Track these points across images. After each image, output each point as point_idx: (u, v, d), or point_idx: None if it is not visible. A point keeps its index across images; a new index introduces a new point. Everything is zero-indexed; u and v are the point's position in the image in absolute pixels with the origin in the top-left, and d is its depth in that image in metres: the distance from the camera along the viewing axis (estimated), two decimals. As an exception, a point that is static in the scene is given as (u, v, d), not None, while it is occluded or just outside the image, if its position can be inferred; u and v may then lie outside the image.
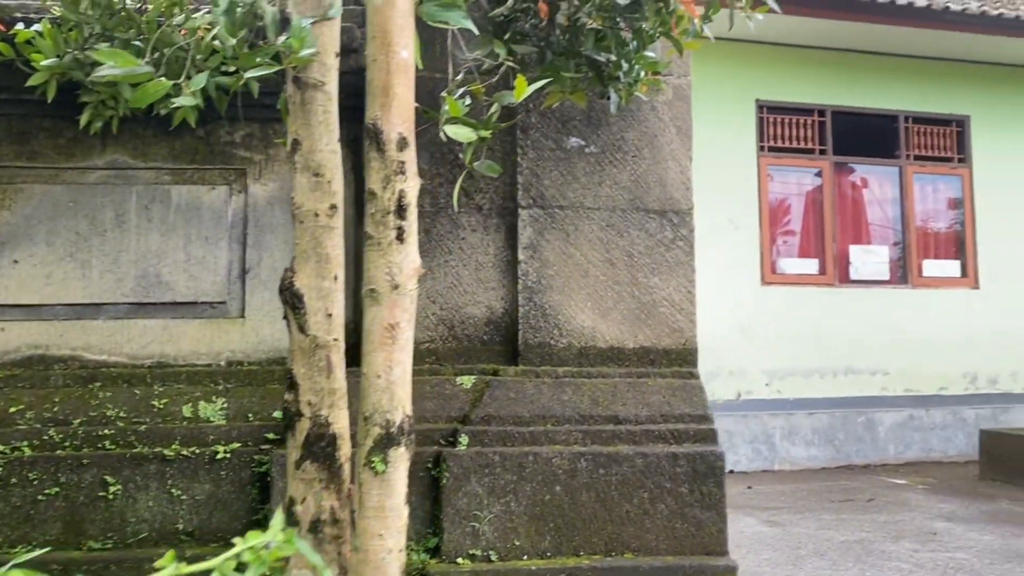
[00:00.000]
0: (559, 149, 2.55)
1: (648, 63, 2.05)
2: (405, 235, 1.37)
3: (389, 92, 1.35)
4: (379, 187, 1.37)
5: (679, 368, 2.48)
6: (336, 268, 1.49)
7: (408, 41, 1.37)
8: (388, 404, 1.34)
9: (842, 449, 8.18)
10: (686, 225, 2.55)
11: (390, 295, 1.36)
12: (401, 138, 1.35)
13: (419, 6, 1.47)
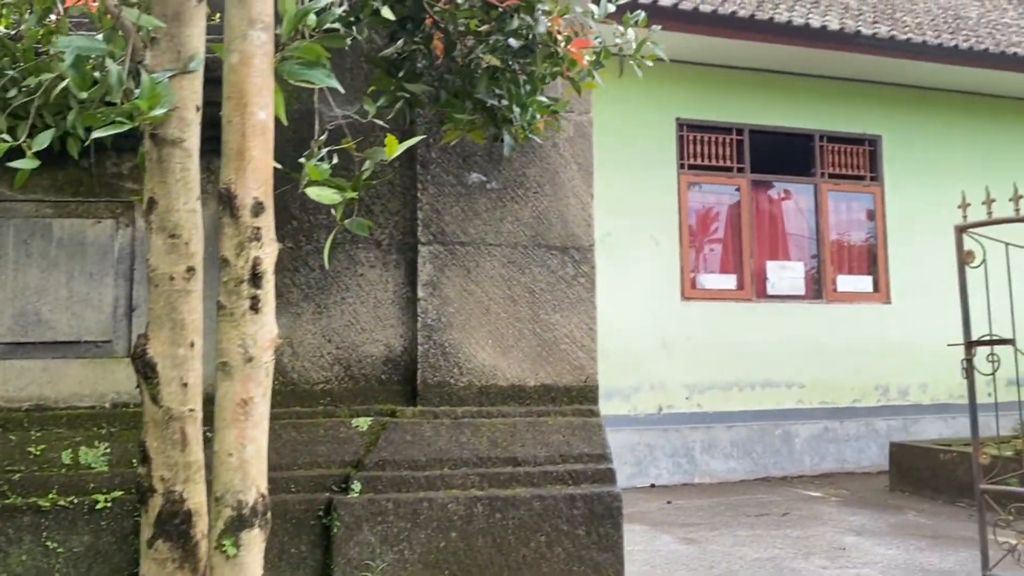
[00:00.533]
0: (460, 185, 2.52)
1: (542, 107, 2.04)
2: (260, 304, 1.31)
3: (244, 155, 1.28)
4: (232, 254, 1.31)
5: (580, 406, 2.47)
6: (193, 334, 1.42)
7: (267, 101, 1.31)
8: (241, 484, 1.28)
9: (760, 461, 8.34)
10: (587, 261, 2.54)
11: (243, 369, 1.30)
12: (256, 203, 1.30)
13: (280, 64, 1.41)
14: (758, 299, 8.63)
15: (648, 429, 8.03)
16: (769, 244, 8.84)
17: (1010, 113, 9.55)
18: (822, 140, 8.98)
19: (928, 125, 9.27)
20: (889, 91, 9.17)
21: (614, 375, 7.97)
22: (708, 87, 8.57)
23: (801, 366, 8.60)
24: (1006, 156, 9.53)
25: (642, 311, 8.12)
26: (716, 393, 8.31)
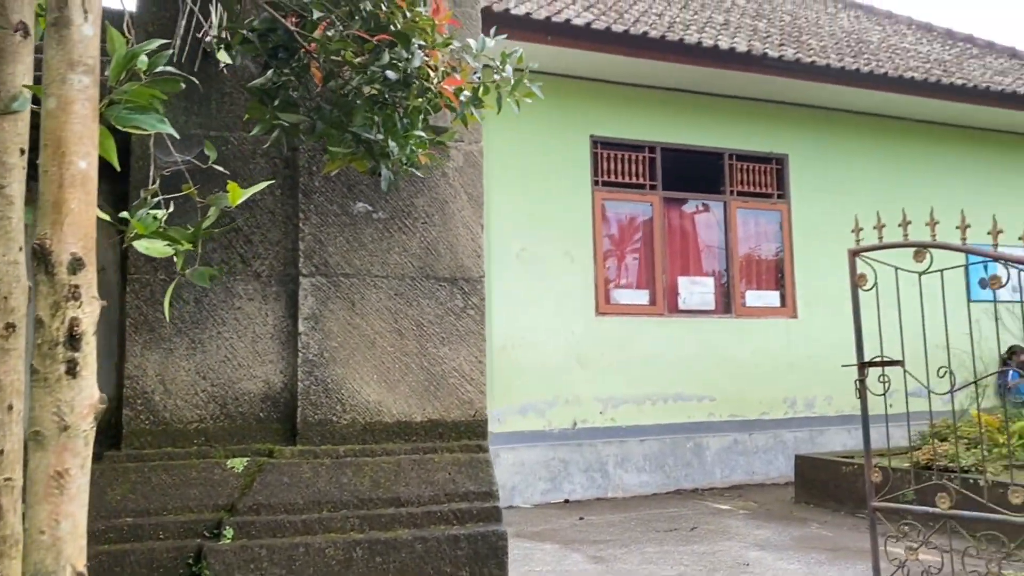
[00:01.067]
0: (345, 214, 2.44)
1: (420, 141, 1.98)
2: (79, 368, 1.21)
3: (62, 207, 1.19)
4: (47, 314, 1.21)
5: (468, 441, 2.42)
6: (12, 396, 1.31)
7: (89, 150, 1.21)
8: (53, 564, 1.18)
9: (672, 474, 8.44)
10: (477, 293, 2.50)
11: (58, 438, 1.20)
12: (75, 259, 1.20)
13: (107, 108, 1.32)
14: (670, 314, 8.76)
15: (563, 444, 8.05)
16: (681, 260, 8.99)
17: (910, 134, 9.95)
18: (731, 158, 9.19)
19: (832, 145, 9.58)
20: (795, 111, 9.45)
21: (529, 390, 7.97)
22: (622, 105, 8.68)
23: (712, 380, 8.76)
24: (907, 175, 9.93)
25: (557, 326, 8.15)
26: (629, 407, 8.39)
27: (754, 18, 9.69)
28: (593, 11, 8.15)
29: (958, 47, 11.09)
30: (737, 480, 8.73)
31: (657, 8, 8.98)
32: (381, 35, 1.84)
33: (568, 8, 7.96)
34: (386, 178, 1.95)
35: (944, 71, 9.34)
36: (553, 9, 7.76)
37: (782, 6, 10.76)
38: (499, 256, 7.99)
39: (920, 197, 9.89)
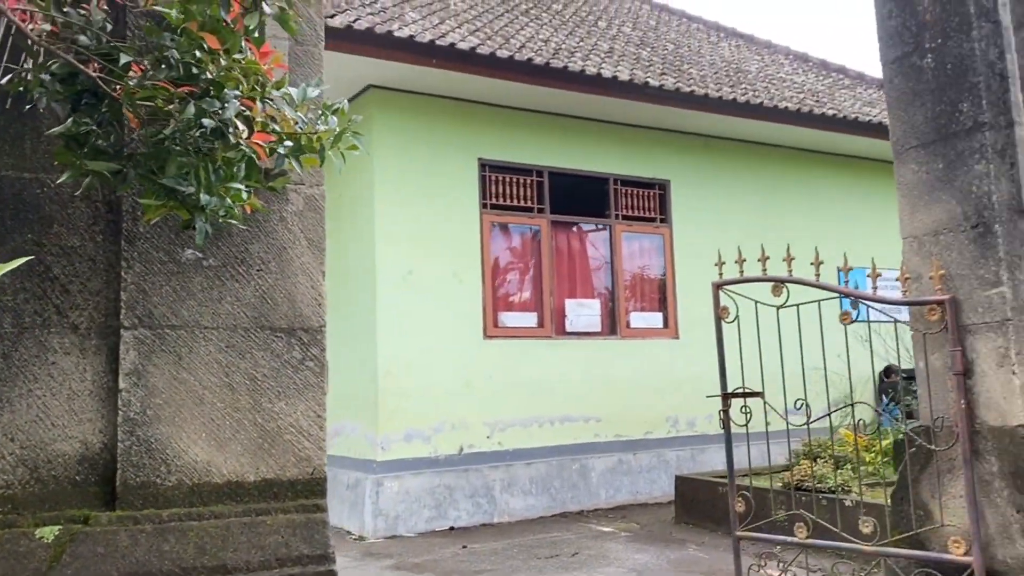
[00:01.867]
0: (173, 262, 2.31)
1: (237, 194, 1.89)
2: None
3: None
4: None
5: (305, 501, 2.32)
6: None
7: None
8: None
9: (558, 497, 8.47)
10: (317, 344, 2.41)
11: None
12: None
13: None
14: (558, 336, 8.82)
15: (449, 470, 7.97)
16: (568, 282, 9.07)
17: (785, 160, 10.36)
18: (616, 183, 9.35)
19: (712, 171, 9.88)
20: (677, 139, 9.71)
21: (415, 416, 7.86)
22: (510, 129, 8.72)
23: (597, 401, 8.86)
24: (782, 199, 10.33)
25: (445, 350, 8.08)
26: (517, 430, 8.39)
27: (638, 46, 9.91)
28: (479, 35, 8.17)
29: (831, 77, 11.64)
30: (622, 500, 8.84)
31: (544, 34, 9.07)
32: (190, 85, 1.75)
33: (454, 32, 7.95)
34: (201, 231, 1.85)
35: (817, 101, 9.77)
36: (438, 32, 7.73)
37: (666, 35, 11.06)
38: (385, 279, 7.88)
39: (793, 221, 10.34)
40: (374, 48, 7.31)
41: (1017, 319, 3.48)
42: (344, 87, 8.10)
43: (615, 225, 9.33)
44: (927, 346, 3.77)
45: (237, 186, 1.83)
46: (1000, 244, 3.50)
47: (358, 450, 8.03)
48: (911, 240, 3.87)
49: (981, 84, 3.58)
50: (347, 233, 8.45)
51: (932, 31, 3.75)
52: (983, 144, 3.56)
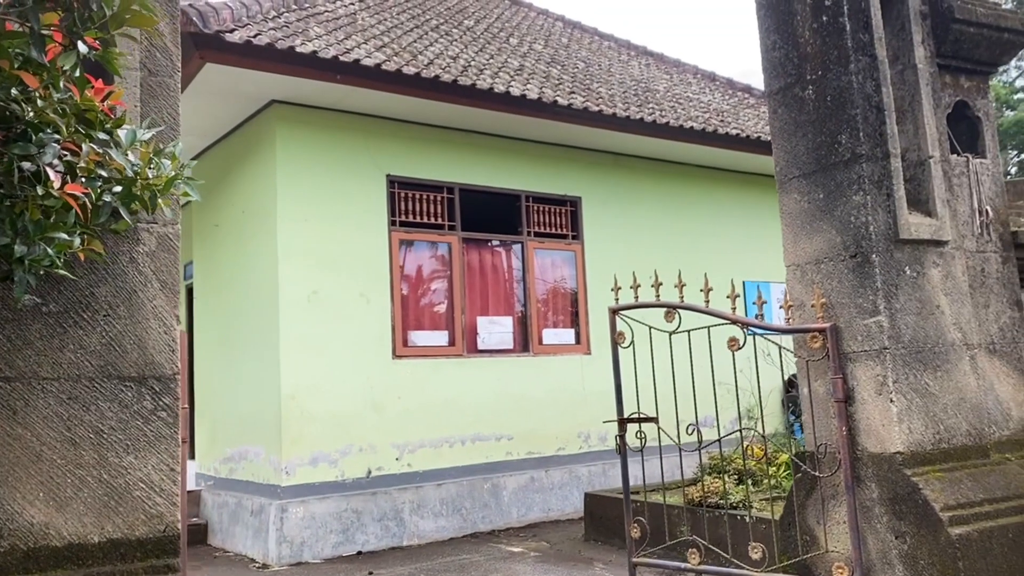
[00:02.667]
0: (6, 308, 2.15)
1: (61, 244, 1.77)
2: None
3: None
4: None
5: (155, 561, 2.18)
6: None
7: None
8: None
9: (469, 517, 8.38)
10: (170, 392, 2.27)
11: None
12: None
13: None
14: (469, 354, 8.74)
15: (356, 494, 7.79)
16: (480, 300, 9.01)
17: (691, 177, 10.55)
18: (528, 200, 9.35)
19: (622, 188, 9.98)
20: (588, 156, 9.77)
21: (321, 440, 7.67)
22: (419, 145, 8.62)
23: (509, 418, 8.81)
24: (689, 216, 10.51)
25: (352, 371, 7.91)
26: (427, 451, 8.27)
27: (549, 64, 9.95)
28: (386, 51, 8.05)
29: (737, 97, 11.92)
30: (534, 518, 8.81)
31: (453, 51, 9.02)
32: (4, 128, 1.61)
33: (360, 48, 7.82)
34: (20, 283, 1.71)
35: (721, 120, 9.97)
36: (344, 48, 7.59)
37: (577, 53, 11.14)
38: (289, 300, 7.67)
39: (701, 236, 10.52)
40: (276, 64, 7.13)
41: (894, 348, 3.57)
42: (247, 102, 7.89)
43: (527, 242, 9.32)
44: (810, 373, 3.83)
45: (62, 236, 1.70)
46: (877, 274, 3.59)
47: (262, 475, 7.79)
48: (794, 268, 3.94)
49: (859, 116, 3.67)
50: (249, 251, 8.21)
51: (813, 63, 3.83)
52: (861, 175, 3.65)
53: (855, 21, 3.69)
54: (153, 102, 2.40)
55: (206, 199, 9.26)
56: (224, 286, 8.76)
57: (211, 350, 9.07)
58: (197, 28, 6.57)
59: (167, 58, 2.43)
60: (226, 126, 8.51)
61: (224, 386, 8.71)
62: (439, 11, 10.64)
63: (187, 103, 7.65)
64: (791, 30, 3.91)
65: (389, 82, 7.68)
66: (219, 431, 8.77)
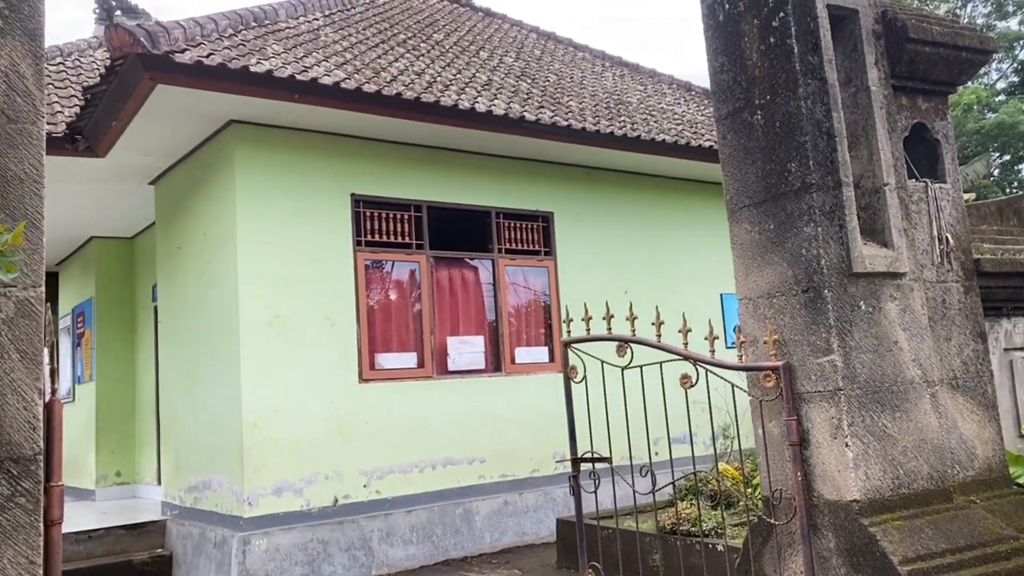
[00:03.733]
0: None
1: None
2: None
3: None
4: None
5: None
6: None
7: None
8: None
9: (440, 544, 8.16)
10: (30, 476, 2.06)
11: None
12: None
13: None
14: (439, 376, 8.53)
15: (322, 524, 7.56)
16: (450, 319, 8.80)
17: (665, 190, 10.36)
18: (499, 216, 9.15)
19: (595, 202, 9.79)
20: (559, 170, 9.58)
21: (285, 468, 7.44)
22: (385, 163, 8.42)
23: (482, 440, 8.60)
24: (665, 229, 10.32)
25: (316, 396, 7.69)
26: (396, 477, 8.05)
27: (519, 78, 9.76)
28: (348, 68, 7.85)
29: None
30: (508, 543, 8.59)
31: (419, 66, 8.82)
32: None
33: (319, 65, 7.61)
34: None
35: (695, 132, 9.79)
36: (302, 66, 7.38)
37: (550, 65, 10.95)
38: (249, 324, 7.45)
39: (676, 250, 10.33)
40: (229, 84, 6.92)
41: (849, 388, 3.37)
42: (204, 122, 7.68)
43: (498, 259, 9.11)
44: (764, 413, 3.64)
45: None
46: (830, 310, 3.39)
47: (225, 505, 7.56)
48: (747, 302, 3.74)
49: (808, 143, 3.47)
50: (210, 274, 8.00)
51: (761, 87, 3.64)
52: (811, 206, 3.45)
53: (803, 43, 3.50)
54: (12, 152, 2.19)
55: (169, 220, 9.04)
56: (187, 310, 8.54)
57: (175, 374, 8.84)
58: (145, 49, 6.36)
59: (29, 102, 2.22)
60: (186, 146, 8.29)
61: (188, 411, 8.48)
62: (407, 25, 10.44)
63: (141, 124, 7.44)
64: (739, 52, 3.72)
65: (349, 100, 7.47)
66: (183, 459, 8.53)
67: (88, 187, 9.30)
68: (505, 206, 9.19)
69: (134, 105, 7.03)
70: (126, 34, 6.32)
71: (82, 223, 10.84)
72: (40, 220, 2.12)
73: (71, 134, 7.72)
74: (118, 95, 7.01)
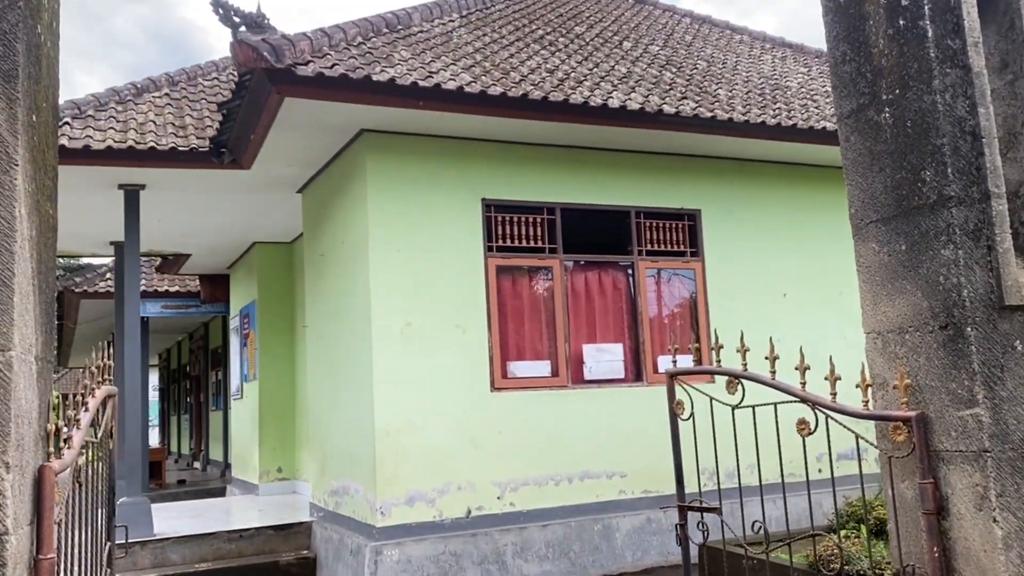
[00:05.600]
0: None
1: None
2: None
3: None
4: None
5: None
6: None
7: None
8: None
9: (578, 561, 7.84)
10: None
11: None
12: None
13: None
14: (574, 385, 8.19)
15: (455, 536, 7.44)
16: (586, 326, 8.43)
17: (825, 181, 9.41)
18: (639, 216, 8.65)
19: (748, 197, 9.05)
20: (706, 164, 8.93)
21: (417, 478, 7.39)
22: (516, 165, 8.16)
23: (622, 454, 8.17)
24: (828, 224, 9.39)
25: (448, 406, 7.58)
26: (531, 490, 7.80)
27: (663, 68, 9.17)
28: (476, 70, 7.65)
29: (890, 85, 10.56)
30: (650, 562, 8.12)
31: (553, 62, 8.47)
32: None
33: (447, 69, 7.45)
34: None
35: (862, 118, 8.80)
36: (429, 71, 7.25)
37: (701, 51, 10.24)
38: (381, 333, 7.45)
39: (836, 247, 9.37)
40: (354, 94, 6.90)
41: (998, 450, 2.71)
42: (337, 133, 7.74)
43: (638, 261, 8.62)
44: (895, 471, 3.02)
45: None
46: (974, 352, 2.74)
47: (360, 513, 7.63)
48: (874, 336, 3.12)
49: (946, 147, 2.82)
50: (347, 282, 8.09)
51: (889, 79, 3.01)
52: (950, 223, 2.80)
53: (940, 23, 2.84)
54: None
55: (314, 228, 9.27)
56: (329, 316, 8.71)
57: (320, 378, 9.06)
58: (268, 63, 6.44)
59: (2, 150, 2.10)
60: (325, 156, 8.43)
61: (330, 416, 8.66)
62: (548, 20, 10.10)
63: (277, 136, 7.60)
64: (863, 38, 3.10)
65: (474, 104, 7.26)
66: (327, 462, 8.73)
67: (243, 196, 9.71)
68: (646, 205, 8.67)
69: (267, 118, 7.17)
70: (250, 49, 6.43)
71: (244, 229, 11.40)
72: (10, 278, 2.00)
73: (216, 148, 8.03)
74: (251, 109, 7.18)
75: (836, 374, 3.22)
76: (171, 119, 8.52)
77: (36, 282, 2.13)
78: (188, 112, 8.79)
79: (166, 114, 8.63)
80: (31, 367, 2.08)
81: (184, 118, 8.61)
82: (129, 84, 8.92)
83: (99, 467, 2.98)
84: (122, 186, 8.86)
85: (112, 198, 9.09)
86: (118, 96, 8.65)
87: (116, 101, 8.58)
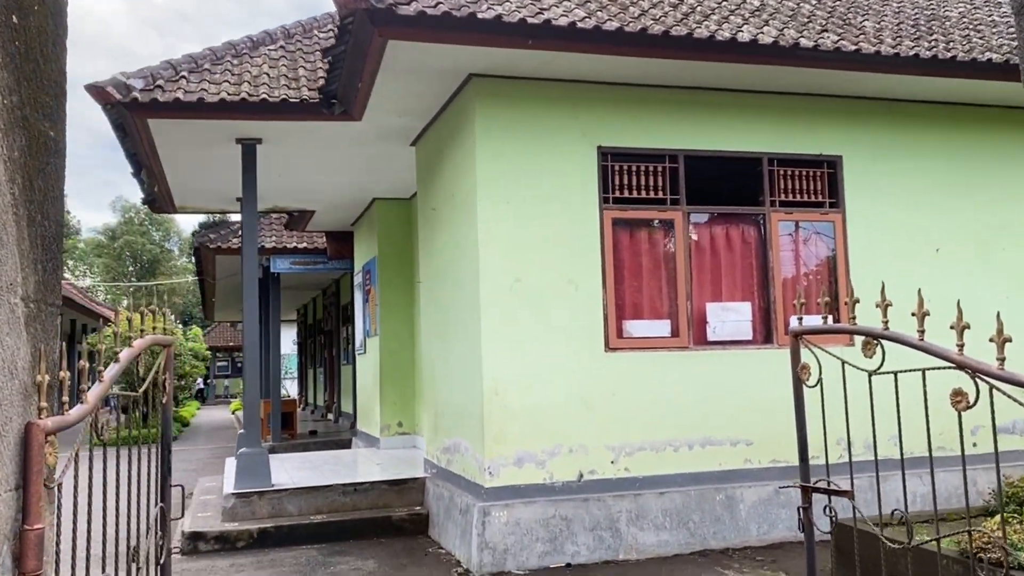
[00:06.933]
0: None
1: None
2: None
3: None
4: None
5: None
6: None
7: None
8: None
9: (697, 532, 7.36)
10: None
11: None
12: None
13: None
14: (696, 347, 7.64)
15: (566, 499, 7.12)
16: (711, 284, 7.82)
17: (996, 123, 8.30)
18: (771, 164, 7.91)
19: (896, 142, 8.11)
20: (849, 105, 8.05)
21: (526, 439, 7.11)
22: (635, 110, 7.60)
23: (748, 421, 7.58)
24: (996, 172, 8.32)
25: (559, 365, 7.22)
26: (647, 455, 7.36)
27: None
28: (591, 6, 7.10)
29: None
30: (777, 537, 7.54)
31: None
32: None
33: (558, 5, 6.95)
34: None
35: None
36: (536, 8, 6.77)
37: (846, -22, 9.21)
38: (489, 289, 7.14)
39: (1005, 196, 8.28)
40: (459, 33, 6.52)
41: None
42: (446, 78, 7.40)
43: (770, 213, 7.90)
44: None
45: None
46: None
47: (470, 471, 7.43)
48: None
49: None
50: (457, 236, 7.81)
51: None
52: None
53: None
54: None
55: (426, 182, 9.04)
56: (440, 272, 8.49)
57: (432, 335, 8.90)
58: (369, 4, 6.14)
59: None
60: (435, 105, 8.13)
61: (442, 373, 8.49)
62: (672, -50, 9.33)
63: (384, 83, 7.34)
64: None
65: (588, 41, 6.73)
66: (439, 419, 8.58)
67: (357, 150, 9.59)
68: (779, 151, 7.92)
69: (372, 64, 6.92)
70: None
71: (363, 185, 11.35)
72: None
73: (327, 99, 7.88)
74: (355, 55, 6.95)
75: (1005, 335, 2.60)
76: (284, 71, 8.44)
77: (24, 211, 1.87)
78: (302, 64, 8.69)
79: (280, 66, 8.56)
80: (14, 309, 1.83)
81: (297, 70, 8.51)
82: (246, 37, 8.91)
83: (140, 423, 2.81)
84: (239, 140, 8.90)
85: (233, 153, 9.17)
86: (234, 49, 8.65)
87: (232, 55, 8.58)
